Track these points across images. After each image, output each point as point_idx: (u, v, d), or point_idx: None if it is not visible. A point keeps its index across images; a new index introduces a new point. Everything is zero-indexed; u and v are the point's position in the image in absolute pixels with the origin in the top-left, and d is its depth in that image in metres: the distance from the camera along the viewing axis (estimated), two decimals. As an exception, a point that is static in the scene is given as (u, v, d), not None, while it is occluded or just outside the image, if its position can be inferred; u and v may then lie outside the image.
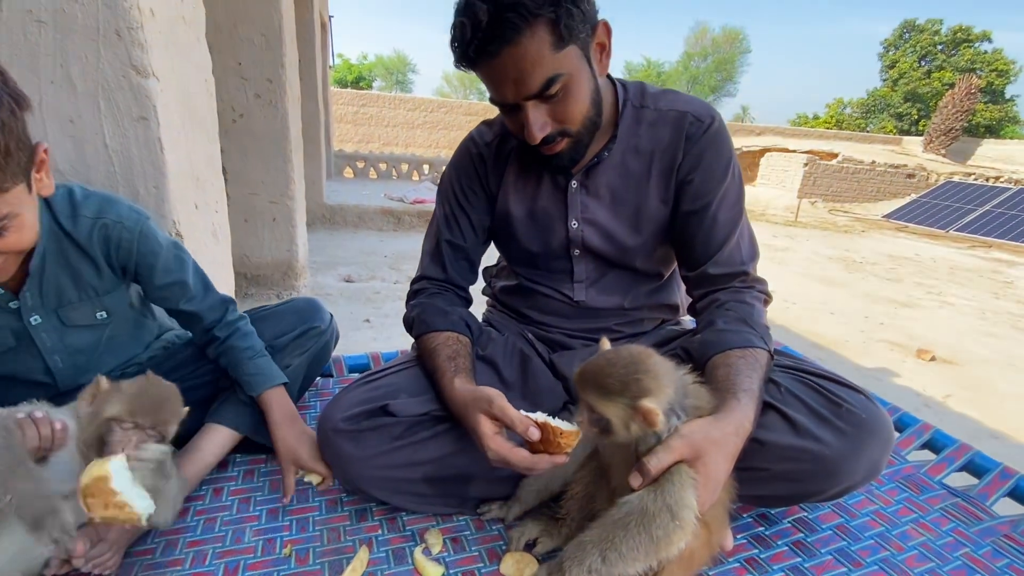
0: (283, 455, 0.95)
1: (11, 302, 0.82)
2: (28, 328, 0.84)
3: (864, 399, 0.82)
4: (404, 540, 0.85)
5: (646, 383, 0.67)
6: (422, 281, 1.09)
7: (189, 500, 0.89)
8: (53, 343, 0.87)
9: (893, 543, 0.89)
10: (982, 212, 10.10)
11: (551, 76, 0.81)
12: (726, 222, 0.97)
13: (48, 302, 0.85)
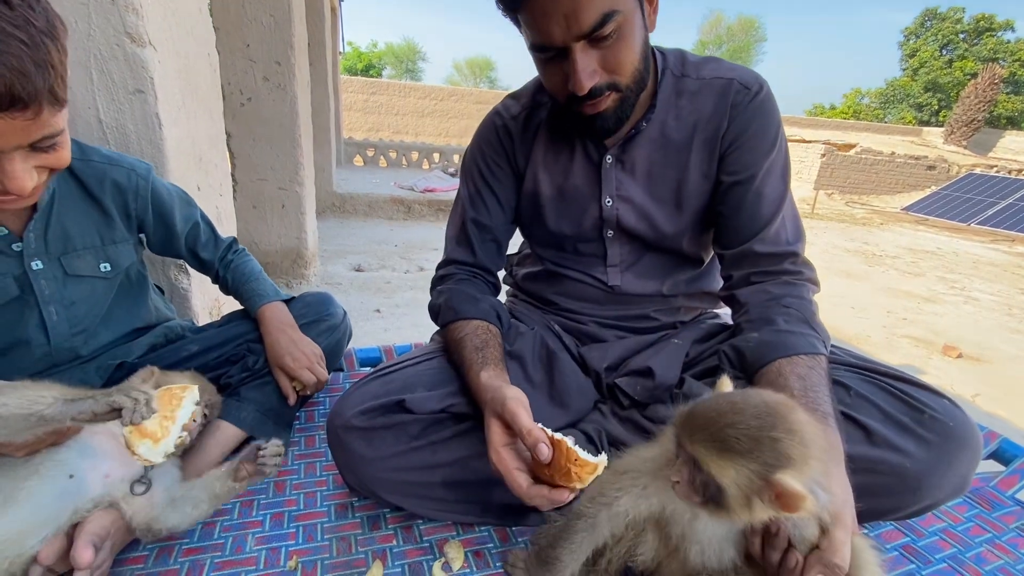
0: (271, 361, 0.95)
1: (14, 244, 0.77)
2: (28, 273, 0.79)
3: (949, 403, 0.72)
4: (421, 553, 0.77)
5: (787, 447, 0.50)
6: (449, 266, 1.01)
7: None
8: (52, 292, 0.82)
9: (966, 566, 0.79)
10: (1005, 205, 9.82)
11: (607, 11, 0.72)
12: (773, 197, 0.88)
13: (52, 247, 0.81)
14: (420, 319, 3.43)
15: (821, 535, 0.54)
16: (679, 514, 0.63)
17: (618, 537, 0.68)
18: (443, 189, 6.70)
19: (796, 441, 0.49)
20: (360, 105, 15.22)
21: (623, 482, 0.66)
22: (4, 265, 0.77)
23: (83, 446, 0.70)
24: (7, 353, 0.81)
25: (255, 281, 1.04)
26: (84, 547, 0.63)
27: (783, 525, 0.55)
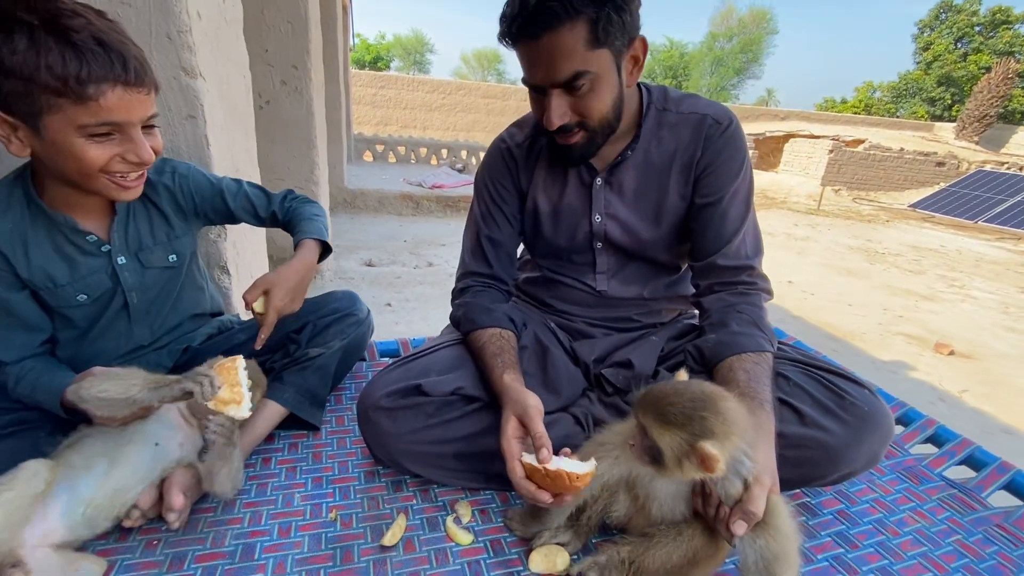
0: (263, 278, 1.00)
1: (103, 246, 0.94)
2: (116, 268, 0.96)
3: (867, 393, 0.88)
4: (436, 510, 0.94)
5: (712, 424, 0.65)
6: (467, 279, 1.16)
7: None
8: (134, 281, 0.99)
9: (890, 528, 0.95)
10: (1013, 203, 9.80)
11: (579, 71, 0.87)
12: (736, 217, 1.03)
13: (131, 245, 0.97)
14: (429, 313, 3.59)
15: (744, 491, 0.69)
16: (643, 477, 0.80)
17: (596, 497, 0.85)
18: (451, 186, 6.84)
19: (720, 420, 0.66)
20: (369, 99, 15.35)
21: (600, 452, 0.83)
22: (98, 264, 0.94)
23: (163, 420, 0.88)
24: (98, 339, 0.98)
25: (305, 221, 1.14)
26: (176, 494, 0.81)
27: (713, 487, 0.72)
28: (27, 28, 0.70)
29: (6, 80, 0.72)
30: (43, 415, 0.90)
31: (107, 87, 0.74)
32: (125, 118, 0.78)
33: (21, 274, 0.87)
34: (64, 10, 0.73)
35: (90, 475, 0.78)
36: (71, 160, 0.79)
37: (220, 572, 0.78)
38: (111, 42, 0.75)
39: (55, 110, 0.74)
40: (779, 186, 12.18)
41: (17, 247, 0.86)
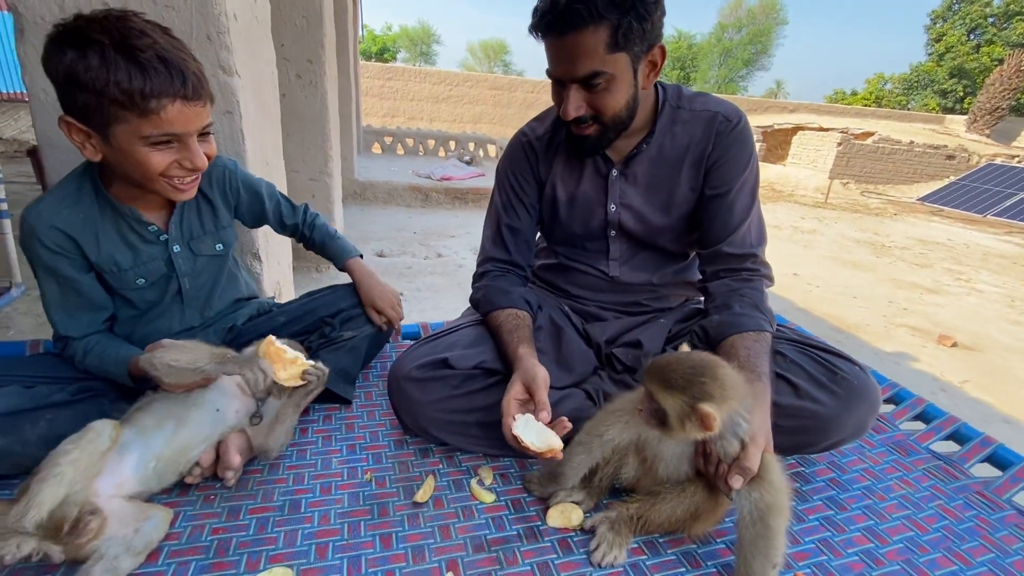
0: (364, 301, 1.26)
1: (162, 236, 1.04)
2: (172, 255, 1.06)
3: (857, 368, 0.97)
4: (461, 474, 1.03)
5: (710, 388, 0.73)
6: (487, 264, 1.24)
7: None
8: (187, 268, 1.09)
9: (877, 494, 1.03)
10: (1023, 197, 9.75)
11: (597, 71, 0.95)
12: (742, 209, 1.10)
13: (184, 235, 1.08)
14: (440, 302, 3.69)
15: (741, 451, 0.78)
16: (651, 440, 0.88)
17: (607, 460, 0.94)
18: (459, 178, 6.92)
19: (717, 385, 0.74)
20: (376, 90, 15.39)
21: (611, 419, 0.91)
22: (156, 251, 1.04)
23: (223, 389, 0.97)
24: (154, 320, 1.08)
25: (336, 240, 1.34)
26: (234, 454, 0.91)
27: (713, 447, 0.80)
28: (99, 47, 0.79)
29: (81, 93, 0.81)
30: (107, 384, 1.00)
31: (167, 101, 0.83)
32: (183, 129, 0.87)
33: (90, 258, 0.96)
34: (133, 30, 0.82)
35: (160, 433, 0.88)
36: (135, 165, 0.88)
37: (272, 523, 0.88)
38: (173, 60, 0.83)
39: (122, 121, 0.83)
40: (786, 179, 12.15)
41: (88, 235, 0.95)
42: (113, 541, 0.77)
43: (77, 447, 0.78)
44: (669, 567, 0.84)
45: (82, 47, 0.79)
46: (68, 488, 0.75)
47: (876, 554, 0.89)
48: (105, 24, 0.81)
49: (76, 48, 0.79)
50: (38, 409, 0.90)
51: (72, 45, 0.79)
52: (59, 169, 1.30)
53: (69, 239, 0.94)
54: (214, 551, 0.81)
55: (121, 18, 0.83)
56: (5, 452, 0.86)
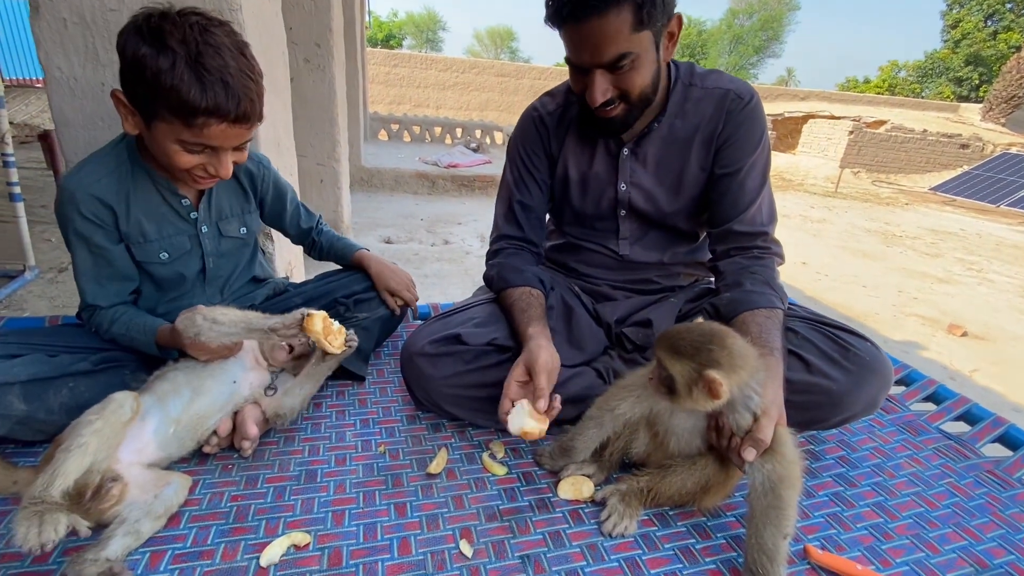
0: (378, 286, 1.29)
1: (192, 213, 1.06)
2: (199, 234, 1.08)
3: (869, 344, 0.96)
4: (473, 448, 1.04)
5: (717, 355, 0.74)
6: (500, 241, 1.24)
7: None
8: (212, 247, 1.11)
9: (887, 471, 1.04)
10: (1038, 186, 9.59)
11: (624, 52, 0.94)
12: (752, 188, 1.10)
13: (212, 216, 1.10)
14: (447, 289, 3.69)
15: (753, 423, 0.78)
16: (663, 414, 0.89)
17: (618, 434, 0.95)
18: (466, 165, 6.89)
19: (726, 354, 0.75)
20: (382, 77, 15.30)
21: (623, 393, 0.92)
22: (185, 227, 1.06)
23: (241, 362, 0.99)
24: (178, 297, 1.10)
25: (342, 240, 1.36)
26: (251, 425, 0.92)
27: (726, 420, 0.81)
28: (172, 55, 0.81)
29: (140, 84, 0.83)
30: (128, 355, 1.02)
31: (214, 121, 0.85)
32: (219, 144, 0.90)
33: (121, 227, 0.98)
34: (210, 49, 0.84)
35: (178, 399, 0.90)
36: (164, 155, 0.90)
37: (289, 491, 0.89)
38: (235, 85, 0.85)
39: (166, 120, 0.85)
40: (796, 168, 12.02)
41: (122, 202, 0.97)
42: (134, 506, 0.79)
43: (100, 417, 0.80)
44: (679, 538, 0.86)
45: (158, 48, 0.81)
46: (92, 458, 0.76)
47: (885, 528, 0.90)
48: (187, 34, 0.82)
49: (152, 46, 0.81)
50: (61, 377, 0.92)
51: (149, 41, 0.81)
52: (75, 147, 1.31)
53: (106, 208, 0.95)
54: (233, 516, 0.83)
55: (205, 30, 0.84)
56: (29, 418, 0.88)
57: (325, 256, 1.36)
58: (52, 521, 0.67)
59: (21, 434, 0.89)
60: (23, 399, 0.87)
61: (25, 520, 0.66)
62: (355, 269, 1.33)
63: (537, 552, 0.81)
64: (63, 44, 1.23)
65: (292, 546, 0.78)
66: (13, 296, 2.86)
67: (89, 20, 1.22)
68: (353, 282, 1.29)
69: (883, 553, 0.85)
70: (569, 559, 0.80)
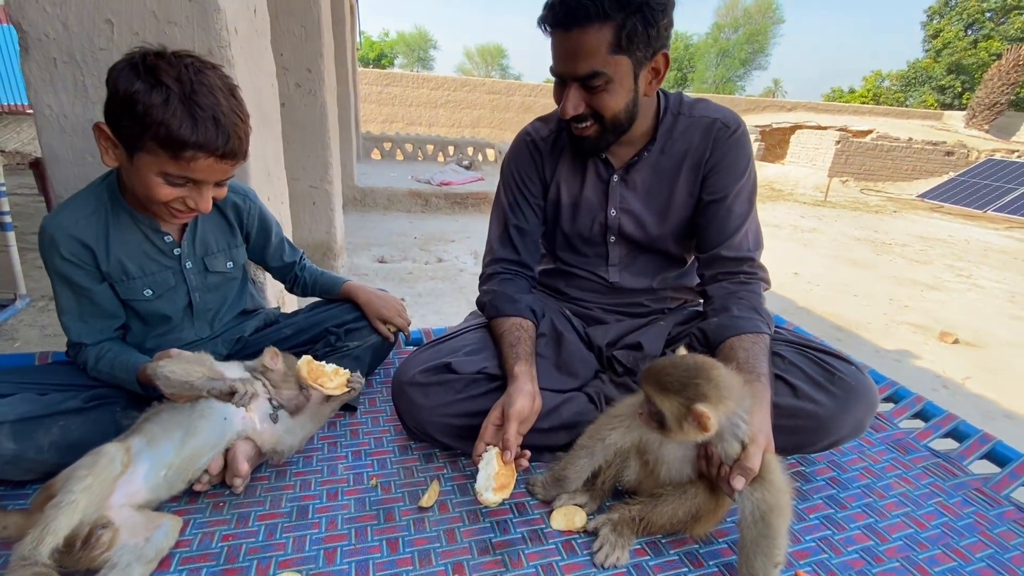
0: (369, 315, 1.29)
1: (175, 249, 1.07)
2: (183, 270, 1.08)
3: (854, 369, 0.98)
4: (465, 478, 1.04)
5: (705, 388, 0.75)
6: (495, 264, 1.25)
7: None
8: (197, 282, 1.11)
9: (876, 492, 1.04)
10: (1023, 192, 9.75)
11: (597, 71, 0.97)
12: (739, 214, 1.12)
13: (197, 251, 1.10)
14: (441, 307, 3.70)
15: (742, 451, 0.79)
16: (652, 443, 0.90)
17: (609, 463, 0.95)
18: (458, 183, 6.94)
19: (712, 386, 0.76)
20: (374, 97, 15.45)
21: (614, 423, 0.93)
22: (169, 263, 1.06)
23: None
24: (166, 332, 1.10)
25: (326, 275, 1.36)
26: (242, 462, 0.92)
27: (715, 449, 0.81)
28: (166, 91, 0.83)
29: (129, 117, 0.85)
30: (118, 392, 1.02)
31: (201, 156, 0.87)
32: (203, 177, 0.91)
33: (102, 267, 0.98)
34: (203, 88, 0.86)
35: (169, 443, 0.89)
36: (144, 187, 0.91)
37: (280, 529, 0.89)
38: (225, 124, 0.88)
39: (151, 152, 0.87)
40: (786, 178, 12.17)
41: (101, 242, 0.98)
42: (125, 550, 0.78)
43: (91, 474, 0.78)
44: (672, 567, 0.86)
45: (151, 84, 0.83)
46: (82, 515, 0.75)
47: (876, 551, 0.90)
48: (181, 73, 0.85)
49: (146, 82, 0.83)
50: (51, 416, 0.91)
51: (144, 77, 0.83)
52: (64, 182, 1.32)
53: (86, 249, 0.96)
54: (224, 557, 0.83)
55: (199, 71, 0.87)
56: (18, 458, 0.87)
57: (309, 291, 1.36)
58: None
59: (11, 474, 0.89)
60: (12, 439, 0.87)
61: None
62: (343, 302, 1.34)
63: (529, 586, 0.81)
64: (53, 83, 1.25)
65: (283, 587, 0.78)
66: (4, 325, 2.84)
67: (79, 59, 1.24)
68: (343, 312, 1.30)
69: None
70: (562, 592, 0.80)
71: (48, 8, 1.20)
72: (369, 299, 1.30)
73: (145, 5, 1.23)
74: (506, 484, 0.90)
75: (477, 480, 0.90)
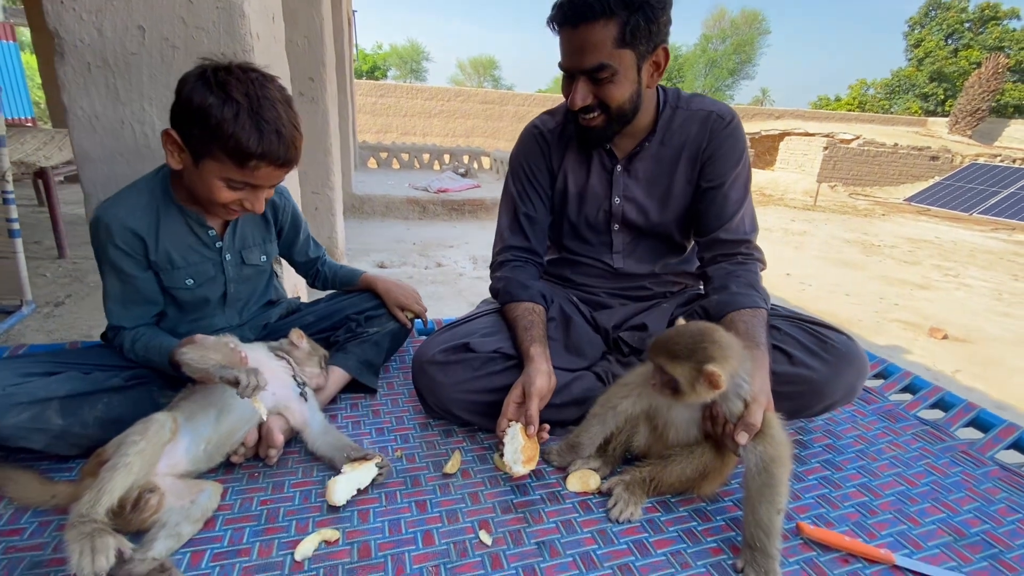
0: (389, 303, 1.37)
1: (217, 242, 1.13)
2: (223, 262, 1.15)
3: (845, 337, 1.06)
4: (484, 450, 1.10)
5: (711, 351, 0.82)
6: (506, 252, 1.32)
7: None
8: (234, 274, 1.18)
9: (869, 455, 1.11)
10: (1007, 194, 9.99)
11: (603, 63, 1.05)
12: (736, 199, 1.20)
13: (236, 245, 1.17)
14: (442, 310, 3.76)
15: (744, 409, 0.86)
16: (661, 408, 0.97)
17: (620, 429, 1.02)
18: (455, 190, 7.03)
19: (717, 348, 0.83)
20: (369, 107, 15.59)
21: (624, 391, 1.00)
22: (210, 255, 1.13)
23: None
24: (198, 319, 1.16)
25: (344, 268, 1.44)
26: (277, 433, 0.98)
27: (720, 409, 0.88)
28: (236, 105, 0.91)
29: (200, 127, 0.92)
30: (153, 373, 1.07)
31: (263, 164, 0.95)
32: (262, 183, 1.00)
33: (150, 256, 1.05)
34: (267, 100, 0.94)
35: (206, 420, 0.95)
36: (205, 189, 0.99)
37: (314, 494, 0.95)
38: (286, 135, 0.95)
39: (217, 160, 0.94)
40: (776, 183, 12.37)
41: (152, 233, 1.04)
42: (172, 511, 0.84)
43: (144, 438, 0.84)
44: (682, 521, 0.92)
45: (223, 98, 0.91)
46: (135, 476, 0.81)
47: (870, 506, 0.97)
48: (249, 88, 0.93)
49: (218, 96, 0.91)
50: (96, 393, 0.97)
51: (215, 92, 0.90)
52: (94, 180, 1.38)
53: (138, 239, 1.02)
54: (265, 518, 0.88)
55: (264, 85, 0.95)
56: (65, 432, 0.93)
57: (330, 284, 1.44)
58: (103, 548, 0.70)
59: (57, 448, 0.94)
60: (60, 414, 0.92)
61: (76, 542, 0.70)
62: (363, 291, 1.40)
63: (552, 539, 0.87)
64: (86, 86, 1.32)
65: (323, 542, 0.84)
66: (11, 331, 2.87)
67: (112, 63, 1.31)
68: (363, 300, 1.37)
69: (869, 527, 0.92)
70: (581, 543, 0.86)
71: (84, 16, 1.27)
72: (388, 288, 1.37)
73: (175, 11, 1.30)
74: (532, 456, 0.97)
75: (505, 454, 0.96)
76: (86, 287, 3.39)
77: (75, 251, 3.96)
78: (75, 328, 2.94)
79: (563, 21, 1.05)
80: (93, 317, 3.03)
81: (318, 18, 3.46)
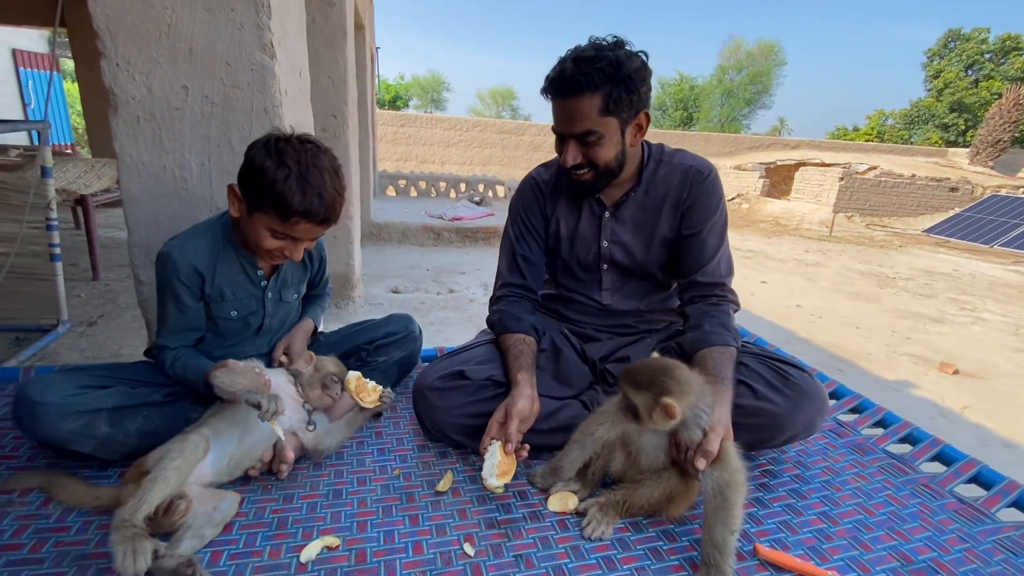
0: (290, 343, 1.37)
1: (263, 281, 1.29)
2: (264, 299, 1.30)
3: (806, 375, 1.15)
4: (475, 471, 1.20)
5: (669, 385, 0.92)
6: (504, 288, 1.45)
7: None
8: (272, 309, 1.33)
9: (834, 486, 1.19)
10: (1029, 227, 9.85)
11: (590, 129, 1.19)
12: (712, 246, 1.32)
13: (278, 285, 1.32)
14: (452, 336, 3.88)
15: (703, 438, 0.96)
16: (633, 435, 1.07)
17: (598, 454, 1.12)
18: (470, 218, 7.24)
19: (675, 382, 0.93)
20: (390, 136, 16.12)
21: (601, 419, 1.10)
22: (255, 292, 1.29)
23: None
24: (233, 345, 1.31)
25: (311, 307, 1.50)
26: (289, 451, 1.11)
27: (682, 437, 0.98)
28: (287, 170, 1.07)
29: (257, 184, 1.08)
30: (187, 390, 1.21)
31: (304, 221, 1.10)
32: (301, 236, 1.15)
33: (205, 290, 1.21)
34: (315, 168, 1.10)
35: (231, 437, 1.08)
36: (253, 235, 1.16)
37: (320, 506, 1.06)
38: (327, 198, 1.11)
39: (266, 213, 1.11)
40: (791, 213, 12.38)
41: (210, 270, 1.21)
42: (197, 516, 0.96)
43: (181, 456, 0.96)
44: (649, 541, 1.01)
45: (277, 163, 1.07)
46: (172, 489, 0.93)
47: (828, 532, 1.04)
48: (301, 156, 1.09)
49: (274, 161, 1.07)
50: (138, 406, 1.12)
51: (273, 157, 1.07)
52: (138, 218, 1.55)
53: (198, 274, 1.19)
54: (275, 525, 1.00)
55: (316, 155, 1.12)
56: (109, 439, 1.07)
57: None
58: (143, 551, 0.82)
59: (101, 452, 1.08)
60: (108, 423, 1.07)
61: (120, 544, 0.82)
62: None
63: (529, 552, 0.97)
64: (135, 136, 1.51)
65: (325, 547, 0.95)
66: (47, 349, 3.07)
67: (158, 117, 1.50)
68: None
69: (824, 551, 0.99)
70: (555, 558, 0.96)
71: (136, 76, 1.46)
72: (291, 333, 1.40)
73: (215, 74, 1.49)
74: (507, 471, 1.08)
75: (483, 468, 1.07)
76: (117, 308, 3.60)
77: (108, 273, 4.20)
78: (106, 347, 3.13)
79: (555, 93, 1.20)
80: (124, 337, 3.22)
81: (342, 60, 3.72)
